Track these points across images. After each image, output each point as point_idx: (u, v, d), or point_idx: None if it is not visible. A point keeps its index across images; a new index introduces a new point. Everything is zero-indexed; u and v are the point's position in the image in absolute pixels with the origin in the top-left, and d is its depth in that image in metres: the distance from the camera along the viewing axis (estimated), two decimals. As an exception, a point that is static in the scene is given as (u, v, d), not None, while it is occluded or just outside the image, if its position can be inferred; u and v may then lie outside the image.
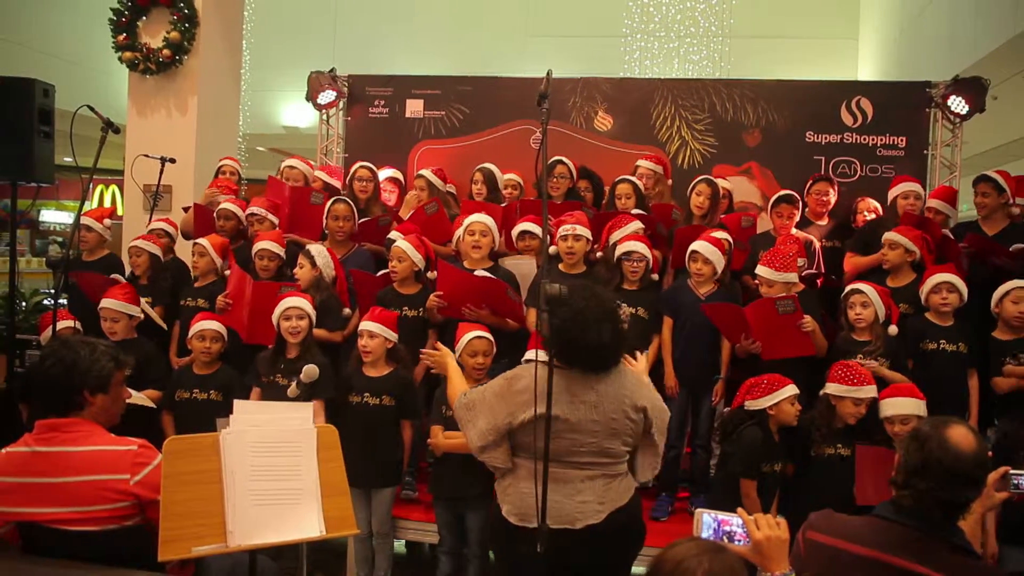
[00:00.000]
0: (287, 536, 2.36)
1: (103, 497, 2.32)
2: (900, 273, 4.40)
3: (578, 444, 2.57)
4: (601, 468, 2.62)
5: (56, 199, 17.85)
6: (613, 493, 2.63)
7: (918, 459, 1.94)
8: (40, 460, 2.36)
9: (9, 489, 2.34)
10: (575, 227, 4.34)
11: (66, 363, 2.43)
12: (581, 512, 2.57)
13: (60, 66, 9.56)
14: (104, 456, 2.38)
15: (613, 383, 2.63)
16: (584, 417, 2.56)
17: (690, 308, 4.24)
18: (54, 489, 2.32)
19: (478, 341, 3.80)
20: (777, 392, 3.59)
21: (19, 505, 2.33)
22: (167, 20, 6.52)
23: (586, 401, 2.57)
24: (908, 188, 4.87)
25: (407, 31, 11.31)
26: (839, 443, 3.66)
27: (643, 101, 6.04)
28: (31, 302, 7.29)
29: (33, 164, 4.65)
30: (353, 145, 6.36)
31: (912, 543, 1.90)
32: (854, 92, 5.84)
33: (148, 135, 6.50)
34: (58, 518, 2.31)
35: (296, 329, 3.96)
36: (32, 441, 2.39)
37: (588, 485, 2.60)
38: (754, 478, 3.56)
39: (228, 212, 5.04)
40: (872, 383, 3.63)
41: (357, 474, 2.57)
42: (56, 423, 2.41)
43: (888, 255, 4.38)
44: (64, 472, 2.34)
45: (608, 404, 2.60)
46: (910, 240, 4.33)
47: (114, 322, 4.21)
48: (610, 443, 2.61)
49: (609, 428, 2.60)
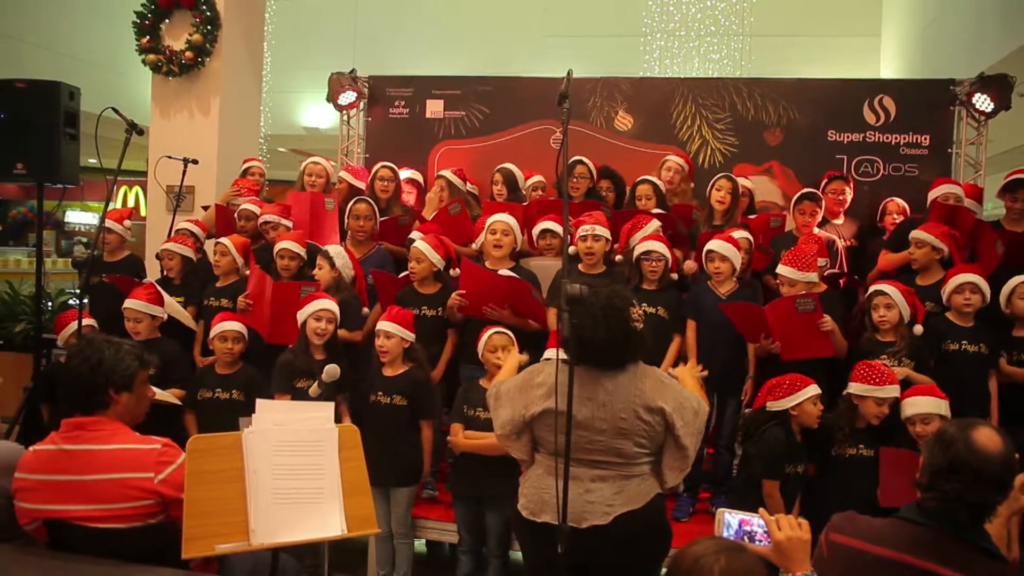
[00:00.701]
0: (309, 535, 2.38)
1: (127, 495, 2.35)
2: (929, 271, 4.34)
3: (586, 441, 2.57)
4: (614, 468, 2.60)
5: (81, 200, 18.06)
6: (625, 496, 2.59)
7: (944, 461, 1.91)
8: (66, 458, 2.39)
9: (37, 486, 2.37)
10: (594, 227, 4.34)
11: (91, 362, 2.46)
12: (588, 512, 2.56)
13: (85, 69, 9.67)
14: (129, 454, 2.40)
15: (625, 383, 2.61)
16: (591, 415, 2.56)
17: (712, 309, 4.22)
18: (80, 487, 2.35)
19: (496, 336, 3.83)
20: (799, 392, 3.56)
21: (46, 502, 2.36)
22: (189, 22, 6.57)
23: (594, 399, 2.57)
24: (949, 190, 4.82)
25: (427, 32, 11.33)
26: (861, 443, 3.64)
27: (663, 100, 6.01)
28: (56, 302, 7.38)
29: (59, 166, 4.73)
30: (373, 146, 6.38)
31: (937, 545, 1.88)
32: (877, 90, 5.79)
33: (171, 136, 6.55)
34: (84, 515, 2.34)
35: (324, 331, 3.99)
36: (58, 439, 2.43)
37: (598, 485, 2.59)
38: (777, 479, 3.53)
39: (249, 212, 5.08)
40: (895, 383, 3.60)
41: (375, 473, 2.58)
42: (82, 421, 2.44)
43: (915, 253, 4.34)
44: (90, 470, 2.37)
45: (617, 403, 2.57)
46: (937, 237, 4.28)
47: (137, 322, 4.25)
48: (619, 443, 2.58)
49: (617, 428, 2.57)
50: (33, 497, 2.37)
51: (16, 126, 4.70)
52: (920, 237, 4.32)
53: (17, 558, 2.38)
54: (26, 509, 2.38)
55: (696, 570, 1.66)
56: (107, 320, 4.48)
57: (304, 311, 4.02)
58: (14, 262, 13.44)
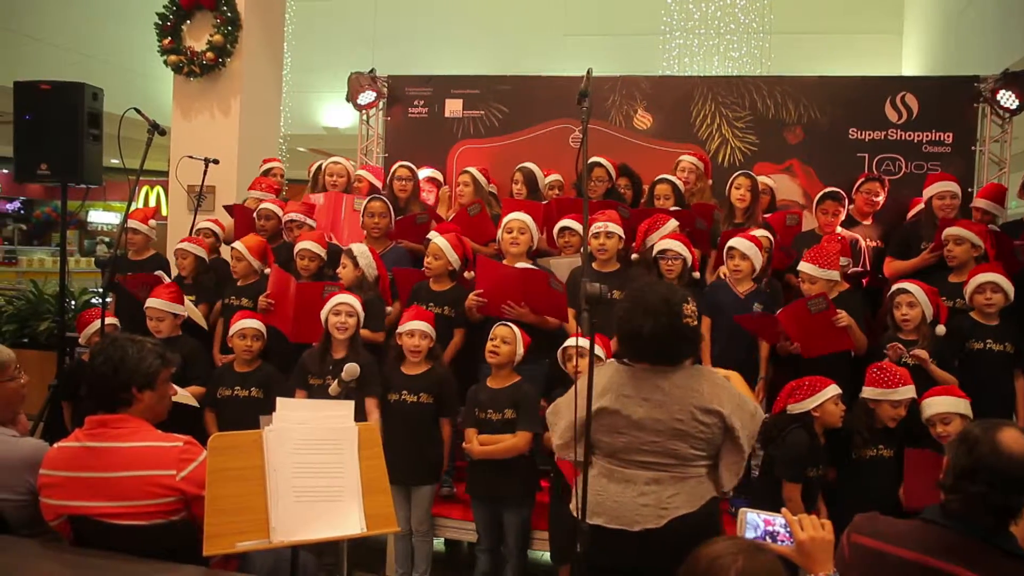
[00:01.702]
0: (329, 533, 2.38)
1: (150, 492, 2.37)
2: (965, 268, 4.26)
3: (640, 442, 2.52)
4: (669, 470, 2.52)
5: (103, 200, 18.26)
6: (680, 499, 2.50)
7: (968, 463, 1.89)
8: (89, 455, 2.42)
9: (61, 483, 2.40)
10: (607, 224, 4.31)
11: (114, 361, 2.49)
12: (641, 515, 2.48)
13: (107, 70, 9.77)
14: (151, 452, 2.43)
15: (681, 382, 2.55)
16: (647, 415, 2.50)
17: (729, 307, 4.20)
18: (103, 483, 2.38)
19: (500, 328, 3.86)
20: (820, 393, 3.53)
21: (70, 499, 2.39)
22: (210, 23, 6.62)
23: (650, 399, 2.52)
24: (944, 188, 4.72)
25: (446, 31, 11.35)
26: (881, 444, 3.61)
27: (683, 99, 5.98)
28: (80, 301, 7.46)
29: (83, 166, 4.77)
30: (393, 145, 6.39)
31: (961, 548, 1.86)
32: (899, 88, 5.73)
33: (192, 137, 6.61)
34: (107, 512, 2.36)
35: (344, 325, 3.97)
36: (82, 436, 2.46)
37: (653, 488, 2.51)
38: (799, 482, 3.49)
39: (268, 212, 5.10)
40: (910, 383, 3.57)
41: (396, 471, 2.58)
42: (105, 419, 2.47)
43: (954, 251, 4.26)
44: (113, 467, 2.39)
45: (674, 404, 2.51)
46: (976, 234, 4.23)
47: (159, 321, 4.29)
48: (675, 444, 2.51)
49: (673, 428, 2.50)
50: (57, 493, 2.40)
51: (40, 127, 4.75)
52: (960, 234, 4.25)
53: (42, 553, 2.41)
54: (51, 505, 2.41)
55: (713, 570, 1.64)
56: (130, 319, 4.53)
57: (325, 308, 4.04)
58: (38, 261, 13.63)
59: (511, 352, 3.81)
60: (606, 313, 2.55)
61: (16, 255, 14.45)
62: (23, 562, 2.30)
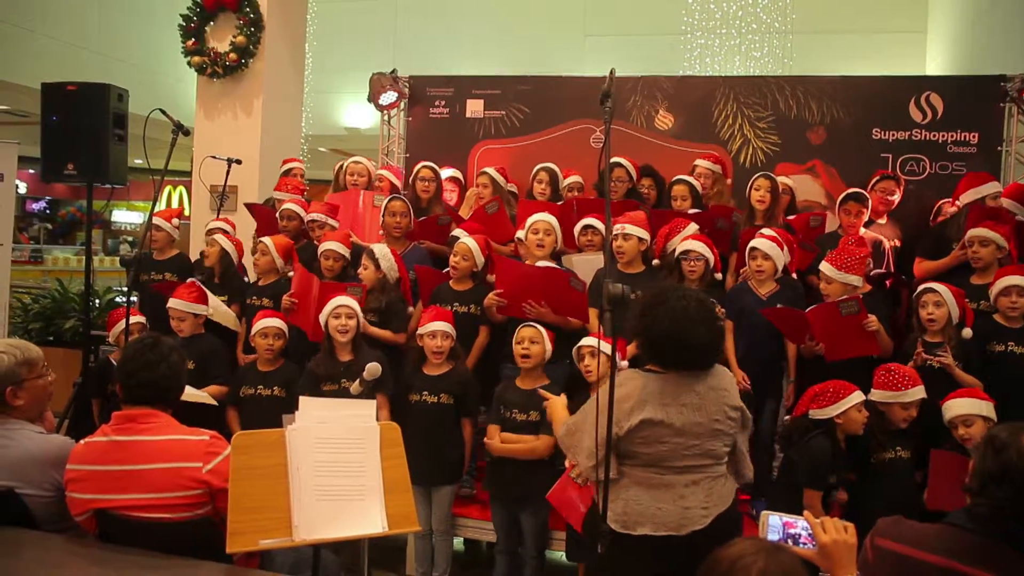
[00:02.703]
0: (350, 532, 2.40)
1: (177, 484, 2.41)
2: (989, 270, 4.21)
3: (683, 448, 2.53)
4: (704, 471, 2.57)
5: (127, 200, 18.45)
6: (716, 497, 2.58)
7: (995, 466, 1.86)
8: (117, 449, 2.45)
9: (88, 477, 2.43)
10: (624, 227, 4.30)
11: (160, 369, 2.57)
12: (686, 518, 2.51)
13: (132, 72, 9.87)
14: (178, 445, 2.48)
15: (714, 383, 2.60)
16: (689, 420, 2.52)
17: (752, 309, 4.18)
18: (130, 476, 2.41)
19: (525, 329, 3.85)
20: (844, 400, 3.49)
21: (97, 492, 2.42)
22: (233, 25, 6.68)
23: (688, 404, 2.54)
24: (991, 190, 4.67)
25: (467, 32, 11.36)
26: (897, 445, 3.59)
27: (704, 99, 5.95)
28: (104, 300, 7.55)
29: (108, 166, 4.83)
30: (414, 145, 6.41)
31: (987, 552, 1.84)
32: (923, 87, 5.67)
33: (215, 137, 6.67)
34: (134, 504, 2.40)
35: (345, 328, 3.99)
36: (110, 431, 2.49)
37: (692, 490, 2.54)
38: (820, 489, 3.47)
39: (291, 212, 5.13)
40: (919, 384, 3.55)
41: (417, 472, 2.59)
42: (133, 414, 2.52)
43: (980, 252, 4.21)
44: (140, 460, 2.43)
45: (710, 405, 2.56)
46: (1001, 236, 4.19)
47: (181, 321, 4.34)
48: (712, 444, 2.57)
49: (712, 429, 2.56)
50: (84, 487, 2.43)
51: (67, 128, 4.82)
52: (985, 235, 4.20)
53: (68, 549, 2.44)
54: (77, 500, 2.44)
55: (735, 571, 1.64)
56: (155, 318, 4.58)
57: (325, 312, 4.05)
58: (63, 260, 13.78)
59: (541, 351, 3.81)
60: (625, 315, 2.53)
61: (42, 254, 14.63)
62: (49, 557, 2.32)
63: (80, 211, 18.36)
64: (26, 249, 14.71)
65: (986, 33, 8.57)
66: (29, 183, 17.86)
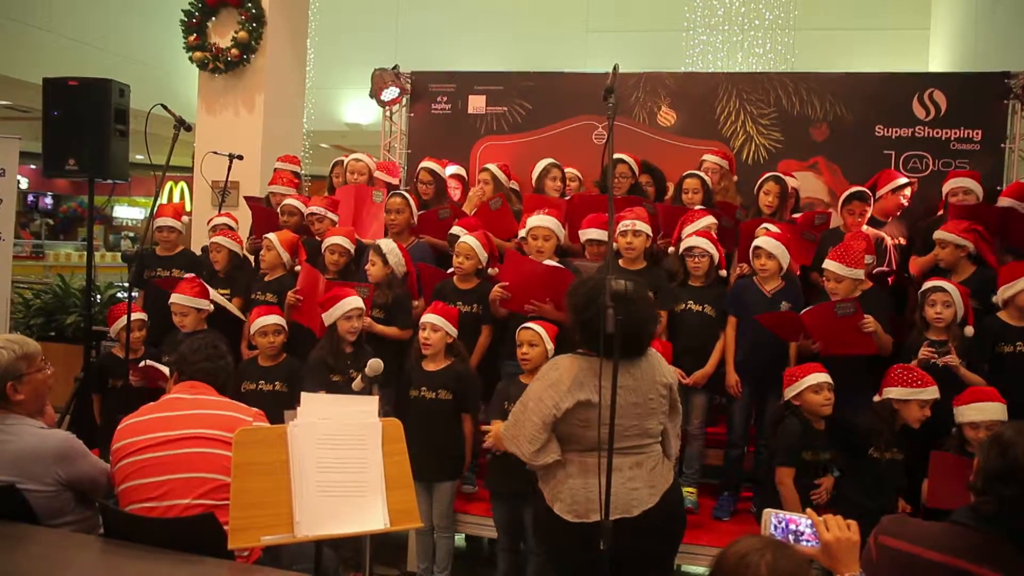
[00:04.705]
0: (352, 528, 2.39)
1: (229, 428, 2.56)
2: (959, 269, 4.25)
3: (623, 430, 2.58)
4: (644, 451, 2.67)
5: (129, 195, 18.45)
6: (658, 476, 2.68)
7: (1001, 465, 1.86)
8: (181, 401, 2.78)
9: (143, 423, 2.67)
10: (634, 223, 4.30)
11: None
12: (636, 499, 2.59)
13: (134, 67, 9.87)
14: (235, 405, 2.83)
15: (643, 364, 2.68)
16: (625, 401, 2.58)
17: (756, 306, 4.17)
18: (192, 418, 2.68)
19: (524, 332, 3.83)
20: (798, 383, 3.61)
21: (147, 432, 2.64)
22: (235, 20, 6.67)
23: (624, 386, 2.58)
24: (957, 184, 4.72)
25: (469, 27, 11.35)
26: (896, 447, 3.60)
27: (707, 95, 5.94)
28: (105, 295, 7.55)
29: (109, 162, 4.83)
30: (416, 141, 6.41)
31: (993, 550, 1.83)
32: (926, 84, 5.66)
33: (216, 132, 6.66)
34: (186, 437, 2.63)
35: (355, 329, 4.06)
36: (175, 391, 2.84)
37: (637, 472, 2.63)
38: (790, 466, 3.56)
39: (291, 208, 5.12)
40: (933, 384, 3.54)
41: (417, 468, 2.58)
42: (195, 384, 2.85)
43: (940, 254, 4.26)
44: (201, 407, 2.74)
45: (644, 384, 2.65)
46: (957, 235, 4.20)
47: (183, 316, 4.34)
48: (649, 423, 2.67)
49: (648, 408, 2.65)
50: (144, 427, 2.65)
51: (69, 123, 4.81)
52: (941, 237, 4.25)
53: (70, 543, 2.43)
54: (123, 447, 2.62)
55: (742, 567, 1.64)
56: (158, 313, 4.57)
57: (332, 313, 4.05)
58: (64, 256, 13.79)
59: (541, 353, 3.80)
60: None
61: (43, 249, 14.63)
62: (51, 551, 2.32)
63: (81, 207, 18.38)
64: (27, 245, 14.71)
65: (990, 30, 8.55)
66: (31, 178, 17.86)
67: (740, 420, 4.27)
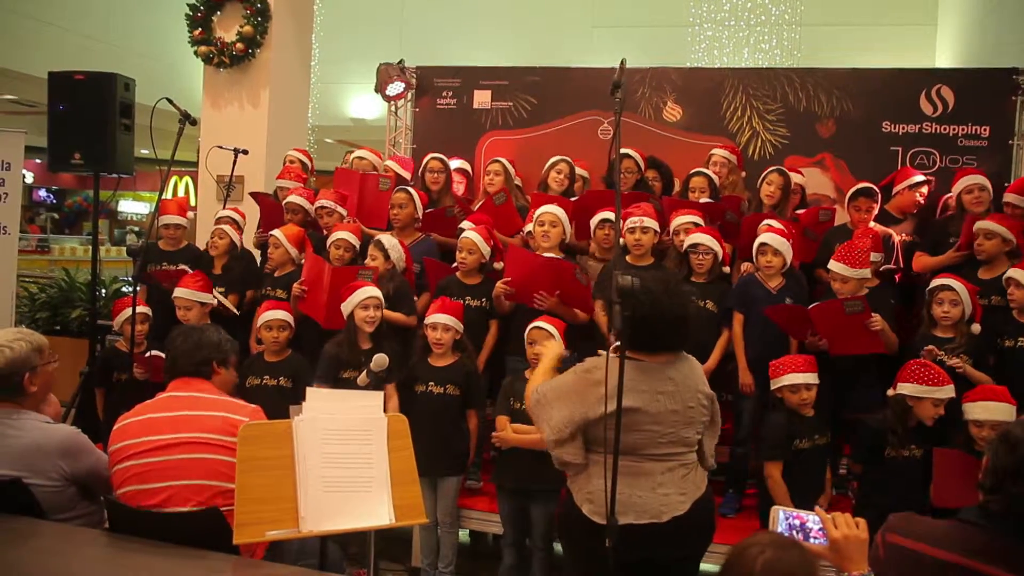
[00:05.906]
0: (357, 523, 2.39)
1: (228, 432, 2.53)
2: (995, 264, 4.19)
3: (658, 436, 2.55)
4: (678, 458, 2.61)
5: (134, 190, 18.47)
6: (691, 483, 2.62)
7: (1011, 462, 1.84)
8: (174, 401, 2.68)
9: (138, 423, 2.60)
10: (643, 219, 4.29)
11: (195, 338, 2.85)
12: (665, 505, 2.54)
13: (139, 61, 9.86)
14: (229, 404, 2.70)
15: (685, 371, 2.63)
16: (664, 408, 2.54)
17: (761, 302, 4.16)
18: (187, 420, 2.60)
19: (534, 331, 3.78)
20: (777, 380, 3.73)
21: (147, 434, 2.56)
22: (240, 15, 6.66)
23: (664, 391, 2.55)
24: (973, 182, 4.62)
25: (474, 22, 11.33)
26: (913, 444, 3.58)
27: (713, 91, 5.92)
28: (110, 289, 7.56)
29: (115, 156, 4.83)
30: (421, 136, 6.39)
31: (1002, 549, 1.82)
32: (934, 80, 5.62)
33: (221, 127, 6.66)
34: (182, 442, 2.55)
35: (373, 319, 4.00)
36: (170, 389, 2.73)
37: (668, 477, 2.58)
38: (777, 460, 3.62)
39: (295, 206, 5.08)
40: (950, 382, 3.52)
41: (423, 463, 2.58)
42: (189, 380, 2.74)
43: (984, 245, 4.18)
44: (195, 407, 2.65)
45: (685, 393, 2.59)
46: (1007, 229, 4.15)
47: (187, 310, 4.35)
48: (687, 432, 2.61)
49: (687, 416, 2.59)
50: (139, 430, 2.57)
51: (74, 117, 4.82)
52: (990, 228, 4.17)
53: (76, 538, 2.44)
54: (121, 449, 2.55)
55: (740, 560, 1.65)
56: (162, 308, 4.57)
57: (350, 302, 4.03)
58: (70, 250, 13.81)
59: None
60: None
61: (48, 244, 14.66)
62: (57, 545, 2.33)
63: (86, 201, 18.38)
64: (33, 239, 14.73)
65: (997, 25, 8.50)
66: (36, 172, 17.88)
67: (747, 417, 4.26)
